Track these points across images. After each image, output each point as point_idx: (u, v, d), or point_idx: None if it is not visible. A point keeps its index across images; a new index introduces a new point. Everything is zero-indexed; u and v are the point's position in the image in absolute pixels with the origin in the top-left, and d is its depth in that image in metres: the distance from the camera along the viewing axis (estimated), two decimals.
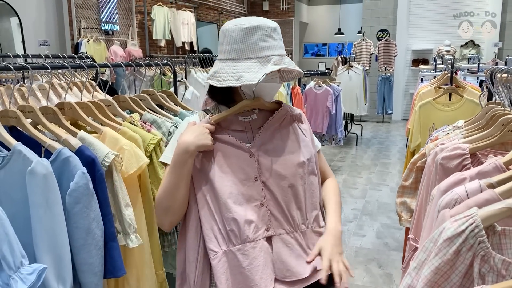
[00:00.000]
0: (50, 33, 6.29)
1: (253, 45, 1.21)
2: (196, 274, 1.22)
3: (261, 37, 1.21)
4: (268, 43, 1.22)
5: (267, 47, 1.21)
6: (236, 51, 1.22)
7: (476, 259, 0.79)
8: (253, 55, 1.21)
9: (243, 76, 1.18)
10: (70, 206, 1.27)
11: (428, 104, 3.01)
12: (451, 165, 1.29)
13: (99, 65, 1.75)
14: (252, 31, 1.21)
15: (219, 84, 1.22)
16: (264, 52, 1.21)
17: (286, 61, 1.23)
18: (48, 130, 1.38)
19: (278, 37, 1.25)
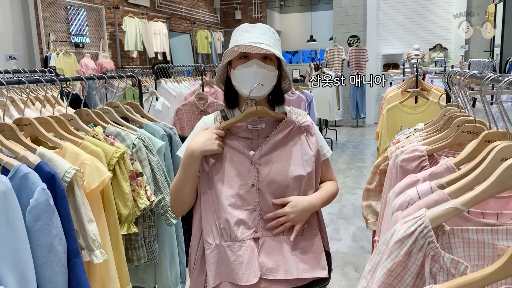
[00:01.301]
0: (18, 47, 6.16)
1: (233, 42, 1.36)
2: (196, 257, 1.41)
3: (239, 34, 1.36)
4: (243, 36, 1.34)
5: (241, 39, 1.33)
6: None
7: (426, 259, 0.81)
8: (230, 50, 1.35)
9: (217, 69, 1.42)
10: (31, 224, 1.24)
11: (395, 108, 3.08)
12: (410, 167, 1.32)
13: (59, 79, 1.72)
14: (235, 32, 1.40)
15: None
16: (238, 43, 1.32)
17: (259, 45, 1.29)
18: (5, 147, 1.35)
19: (256, 31, 1.35)
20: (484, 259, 0.84)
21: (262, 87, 1.34)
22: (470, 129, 1.30)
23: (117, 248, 1.58)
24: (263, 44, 1.30)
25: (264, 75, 1.34)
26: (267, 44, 1.31)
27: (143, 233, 1.81)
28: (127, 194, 1.60)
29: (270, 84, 1.38)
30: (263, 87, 1.35)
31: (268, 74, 1.35)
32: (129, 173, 1.65)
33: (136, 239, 1.77)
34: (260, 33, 1.35)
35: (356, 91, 9.58)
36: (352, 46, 9.88)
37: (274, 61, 1.38)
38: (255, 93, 1.34)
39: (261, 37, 1.34)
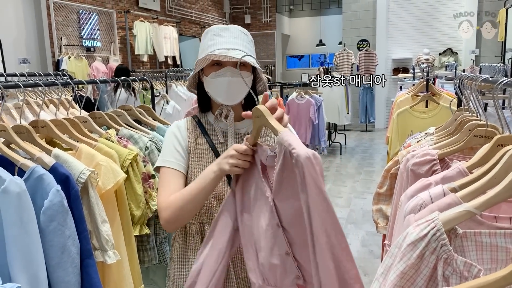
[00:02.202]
0: (31, 51, 6.25)
1: (204, 46, 1.33)
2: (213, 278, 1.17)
3: (209, 38, 1.32)
4: (214, 41, 1.30)
5: (213, 44, 1.29)
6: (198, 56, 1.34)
7: (439, 262, 0.81)
8: (203, 54, 1.30)
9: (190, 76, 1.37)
10: (45, 224, 1.26)
11: (406, 112, 3.07)
12: (421, 171, 1.32)
13: (73, 82, 1.75)
14: (204, 35, 1.35)
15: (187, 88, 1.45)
16: (211, 48, 1.29)
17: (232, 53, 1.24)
18: (21, 148, 1.37)
19: (228, 35, 1.31)
20: (497, 262, 0.84)
21: (236, 95, 1.32)
22: (482, 133, 1.30)
23: (130, 249, 1.60)
24: (236, 50, 1.26)
25: (238, 82, 1.27)
26: (240, 49, 1.27)
27: (154, 234, 1.82)
28: (140, 196, 1.62)
29: (245, 90, 1.31)
30: (237, 94, 1.32)
31: (242, 80, 1.26)
32: (142, 175, 1.67)
33: (148, 240, 1.79)
34: (232, 37, 1.30)
35: (365, 95, 9.56)
36: (362, 50, 9.87)
37: (248, 65, 1.32)
38: (230, 101, 1.32)
39: (234, 41, 1.29)
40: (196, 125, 1.39)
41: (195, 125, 1.39)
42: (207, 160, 1.34)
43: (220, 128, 1.39)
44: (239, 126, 1.39)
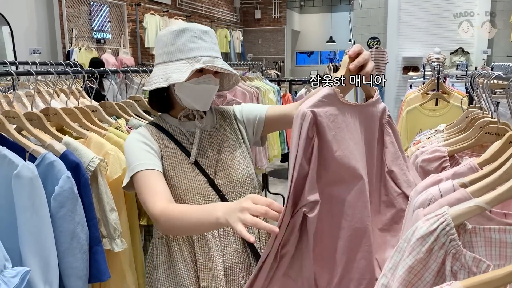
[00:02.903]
0: (42, 42, 6.29)
1: (182, 46, 1.25)
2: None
3: (189, 39, 1.25)
4: (197, 44, 1.25)
5: (196, 48, 1.24)
6: (166, 54, 1.26)
7: (447, 257, 0.80)
8: (182, 56, 1.24)
9: (171, 76, 1.22)
10: (55, 210, 1.27)
11: (415, 110, 3.06)
12: (431, 167, 1.31)
13: (85, 71, 1.76)
14: (181, 33, 1.25)
15: (149, 88, 1.26)
16: (193, 52, 1.24)
17: (218, 62, 1.24)
18: (33, 135, 1.39)
19: (210, 40, 1.28)
20: (506, 258, 0.83)
21: (210, 101, 1.33)
22: (494, 130, 1.29)
23: (135, 239, 1.61)
24: (220, 59, 1.28)
25: (215, 89, 1.33)
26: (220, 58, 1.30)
27: None
28: None
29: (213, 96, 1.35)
30: (211, 100, 1.33)
31: (216, 89, 1.33)
32: None
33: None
34: (213, 42, 1.30)
35: None
36: (372, 48, 9.80)
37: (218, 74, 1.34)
38: (205, 108, 1.32)
39: (215, 48, 1.29)
40: (159, 131, 1.34)
41: (157, 131, 1.34)
42: (181, 162, 1.31)
43: (185, 129, 1.36)
44: (204, 123, 1.38)
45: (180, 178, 1.29)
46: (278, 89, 4.93)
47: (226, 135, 1.39)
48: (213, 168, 1.33)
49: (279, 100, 4.85)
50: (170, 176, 1.29)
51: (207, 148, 1.35)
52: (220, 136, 1.38)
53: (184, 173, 1.30)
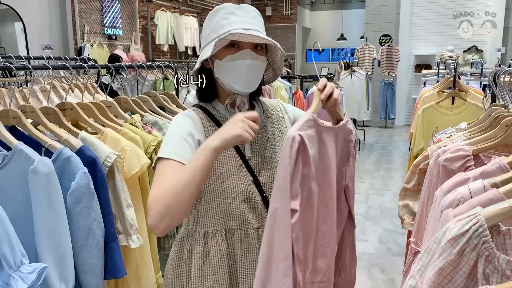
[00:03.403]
0: (54, 38, 6.32)
1: (215, 26, 1.17)
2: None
3: (222, 16, 1.17)
4: (230, 20, 1.15)
5: (228, 23, 1.15)
6: (205, 38, 1.21)
7: (480, 259, 0.77)
8: (215, 35, 1.15)
9: (202, 56, 1.16)
10: (71, 206, 1.26)
11: (431, 108, 3.00)
12: (454, 166, 1.28)
13: (100, 65, 1.75)
14: (214, 13, 1.19)
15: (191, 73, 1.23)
16: (225, 28, 1.14)
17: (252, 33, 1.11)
18: (49, 130, 1.38)
19: (245, 14, 1.17)
20: None
21: (254, 81, 1.20)
22: None
23: (151, 235, 1.59)
24: (256, 30, 1.14)
25: (257, 67, 1.18)
26: (259, 31, 1.15)
27: None
28: None
29: (261, 76, 1.22)
30: (255, 81, 1.20)
31: (261, 65, 1.19)
32: None
33: None
34: (250, 17, 1.18)
35: (386, 91, 9.42)
36: (384, 46, 9.72)
37: (264, 51, 1.22)
38: (248, 89, 1.20)
39: (252, 22, 1.17)
40: (207, 116, 1.23)
41: (205, 116, 1.23)
42: (230, 157, 1.21)
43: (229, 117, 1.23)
44: None
45: (229, 175, 1.20)
46: (290, 86, 4.90)
47: (273, 132, 1.29)
48: (258, 166, 1.24)
49: (291, 98, 4.82)
50: (219, 172, 1.19)
51: (254, 144, 1.25)
52: (268, 133, 1.28)
53: (232, 170, 1.20)
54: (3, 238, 1.01)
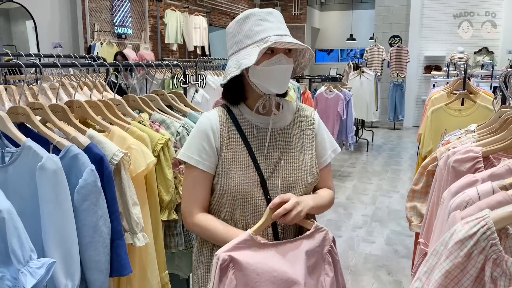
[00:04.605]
0: (64, 36, 6.37)
1: (248, 32, 1.23)
2: None
3: (255, 22, 1.22)
4: (263, 26, 1.22)
5: (263, 30, 1.21)
6: (236, 43, 1.24)
7: (488, 262, 0.76)
8: (250, 41, 1.22)
9: (242, 63, 1.20)
10: (78, 203, 1.27)
11: (440, 110, 2.98)
12: (463, 168, 1.27)
13: (109, 64, 1.76)
14: (246, 19, 1.24)
15: (225, 80, 1.24)
16: (260, 35, 1.21)
17: (287, 39, 1.20)
18: (57, 127, 1.38)
19: (275, 19, 1.24)
20: None
21: (286, 82, 1.28)
22: None
23: (157, 234, 1.60)
24: (288, 36, 1.23)
25: (290, 69, 1.27)
26: (290, 36, 1.24)
27: (181, 220, 1.82)
28: (170, 181, 1.61)
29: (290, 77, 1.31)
30: (287, 81, 1.28)
31: (292, 67, 1.27)
32: (172, 160, 1.66)
33: (175, 226, 1.78)
34: (279, 22, 1.25)
35: (395, 92, 9.37)
36: (393, 46, 9.66)
37: (291, 53, 1.29)
38: (281, 89, 1.27)
39: (282, 27, 1.24)
40: (229, 117, 1.29)
41: (227, 117, 1.29)
42: (241, 157, 1.26)
43: (257, 122, 1.30)
44: (279, 119, 1.33)
45: (237, 173, 1.25)
46: (299, 86, 4.89)
47: (298, 137, 1.34)
48: (271, 167, 1.28)
49: (299, 97, 4.81)
50: (227, 169, 1.25)
51: (269, 147, 1.29)
52: (290, 137, 1.32)
53: (240, 168, 1.25)
54: (13, 233, 1.01)
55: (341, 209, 4.63)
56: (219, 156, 1.26)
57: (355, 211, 4.59)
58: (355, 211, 4.61)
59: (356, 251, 3.64)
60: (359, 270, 3.32)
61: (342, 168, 6.39)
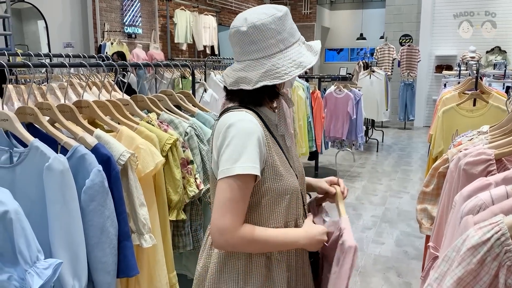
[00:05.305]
0: (75, 36, 6.41)
1: (291, 30, 1.20)
2: None
3: (291, 20, 1.22)
4: (294, 24, 1.24)
5: (295, 28, 1.23)
6: (282, 41, 1.17)
7: (501, 269, 0.74)
8: (294, 40, 1.20)
9: (301, 62, 1.17)
10: (85, 204, 1.27)
11: (452, 110, 2.94)
12: (475, 171, 1.24)
13: (117, 64, 1.75)
14: (286, 16, 1.20)
15: (284, 79, 1.15)
16: (297, 34, 1.23)
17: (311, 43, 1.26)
18: (65, 127, 1.38)
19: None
20: None
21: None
22: None
23: (165, 234, 1.59)
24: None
25: None
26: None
27: (190, 220, 1.82)
28: (178, 181, 1.61)
29: None
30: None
31: None
32: (181, 160, 1.65)
33: (183, 226, 1.78)
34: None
35: (406, 91, 9.28)
36: (404, 46, 9.57)
37: None
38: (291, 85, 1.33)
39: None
40: (259, 119, 1.21)
41: (258, 119, 1.20)
42: (282, 157, 1.23)
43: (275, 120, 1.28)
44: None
45: (287, 174, 1.22)
46: (308, 86, 4.86)
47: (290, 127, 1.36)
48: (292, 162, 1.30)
49: (308, 97, 4.78)
50: (280, 171, 1.20)
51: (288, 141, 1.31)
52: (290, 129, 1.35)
53: (286, 169, 1.23)
54: (20, 233, 1.01)
55: (350, 210, 4.60)
56: (266, 161, 1.19)
57: (365, 212, 4.56)
58: (365, 211, 4.57)
59: (366, 252, 3.61)
60: (368, 271, 3.28)
61: (352, 168, 6.35)
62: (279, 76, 1.15)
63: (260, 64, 1.16)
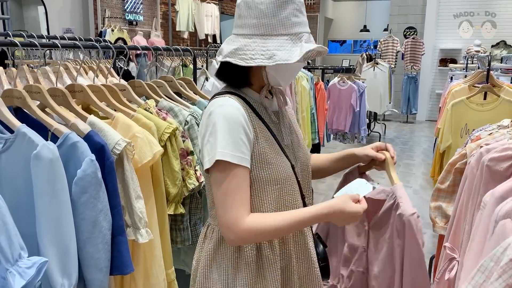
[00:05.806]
0: (75, 22, 6.30)
1: (285, 20, 1.09)
2: None
3: (292, 12, 1.10)
4: (300, 18, 1.11)
5: (299, 23, 1.11)
6: (265, 26, 1.09)
7: None
8: (284, 31, 1.09)
9: (275, 54, 1.07)
10: (77, 196, 1.17)
11: (461, 103, 2.84)
12: (500, 167, 1.14)
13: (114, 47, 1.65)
14: (284, 4, 1.09)
15: (246, 63, 1.08)
16: (296, 28, 1.10)
17: (313, 39, 1.14)
18: (56, 113, 1.28)
19: (304, 10, 1.15)
20: None
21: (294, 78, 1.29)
22: None
23: (163, 229, 1.50)
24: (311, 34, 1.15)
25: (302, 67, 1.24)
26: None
27: (189, 214, 1.72)
28: (177, 173, 1.51)
29: None
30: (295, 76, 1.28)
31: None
32: (180, 151, 1.56)
33: (182, 220, 1.69)
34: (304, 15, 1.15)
35: (409, 85, 9.17)
36: (408, 38, 9.44)
37: None
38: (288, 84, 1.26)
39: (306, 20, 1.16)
40: (247, 106, 1.15)
41: (245, 106, 1.15)
42: (273, 144, 1.16)
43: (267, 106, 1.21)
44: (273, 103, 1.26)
45: (276, 162, 1.15)
46: (312, 76, 4.75)
47: (291, 116, 1.32)
48: (289, 150, 1.23)
49: (312, 88, 4.67)
50: (268, 159, 1.14)
51: (285, 129, 1.24)
52: (289, 118, 1.29)
53: (276, 156, 1.16)
54: (1, 229, 0.92)
55: None
56: (253, 147, 1.13)
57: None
58: None
59: None
60: None
61: None
62: (244, 58, 1.09)
63: (237, 41, 1.12)
